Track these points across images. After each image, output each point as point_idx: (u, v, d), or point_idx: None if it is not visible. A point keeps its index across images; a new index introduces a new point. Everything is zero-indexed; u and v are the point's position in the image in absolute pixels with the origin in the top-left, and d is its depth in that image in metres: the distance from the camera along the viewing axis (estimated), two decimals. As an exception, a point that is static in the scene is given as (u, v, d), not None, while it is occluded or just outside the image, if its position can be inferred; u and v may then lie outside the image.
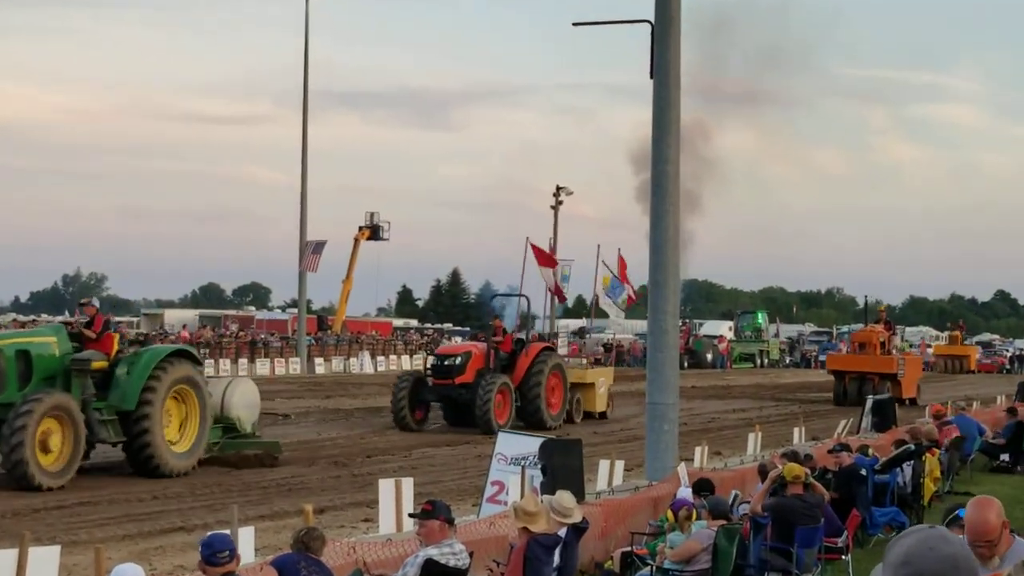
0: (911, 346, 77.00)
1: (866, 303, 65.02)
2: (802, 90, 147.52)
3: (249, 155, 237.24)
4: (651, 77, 19.51)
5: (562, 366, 35.86)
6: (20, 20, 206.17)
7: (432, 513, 9.63)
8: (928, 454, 19.85)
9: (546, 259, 39.32)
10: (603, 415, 38.07)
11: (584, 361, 43.90)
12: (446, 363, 33.86)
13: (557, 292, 40.14)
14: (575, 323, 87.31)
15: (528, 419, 33.69)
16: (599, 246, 41.11)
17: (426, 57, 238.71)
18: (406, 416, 32.92)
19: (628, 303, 48.91)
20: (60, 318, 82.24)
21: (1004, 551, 6.39)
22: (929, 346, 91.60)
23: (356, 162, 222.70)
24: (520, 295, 39.69)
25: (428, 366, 34.91)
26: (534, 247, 39.23)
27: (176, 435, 23.37)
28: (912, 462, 18.92)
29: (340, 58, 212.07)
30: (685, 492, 14.34)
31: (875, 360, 48.01)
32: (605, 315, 45.57)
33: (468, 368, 33.39)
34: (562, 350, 40.70)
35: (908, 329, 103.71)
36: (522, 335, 36.33)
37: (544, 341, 37.27)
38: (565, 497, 10.87)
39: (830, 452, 17.84)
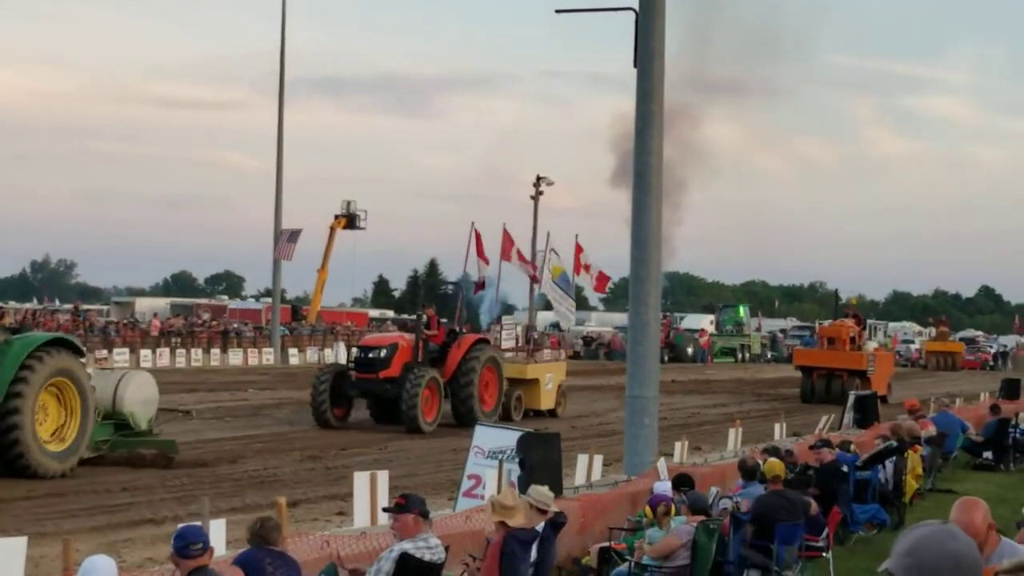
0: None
1: (837, 298, 64.81)
2: (788, 80, 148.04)
3: (224, 141, 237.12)
4: (635, 66, 19.24)
5: (498, 360, 33.45)
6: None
7: (406, 507, 9.41)
8: (911, 451, 19.70)
9: (483, 252, 37.35)
10: (552, 413, 35.82)
11: (545, 352, 42.22)
12: (370, 355, 31.67)
13: (479, 287, 38.74)
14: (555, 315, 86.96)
15: (460, 416, 31.85)
16: (548, 233, 39.25)
17: (406, 43, 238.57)
18: (326, 412, 30.90)
19: (597, 288, 47.44)
20: (28, 305, 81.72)
21: (990, 553, 6.47)
22: (912, 341, 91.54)
23: (333, 150, 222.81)
24: (455, 283, 38.27)
25: (351, 358, 32.69)
26: (477, 235, 37.19)
27: (53, 433, 21.36)
28: (894, 458, 18.75)
29: (318, 43, 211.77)
30: (662, 486, 14.11)
31: (844, 356, 46.49)
32: (551, 308, 43.05)
33: (394, 361, 31.23)
34: (508, 343, 38.23)
35: (891, 324, 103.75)
36: (456, 326, 34.11)
37: (478, 333, 35.21)
38: (541, 489, 10.69)
39: (812, 448, 17.67)
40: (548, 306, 46.77)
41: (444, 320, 35.97)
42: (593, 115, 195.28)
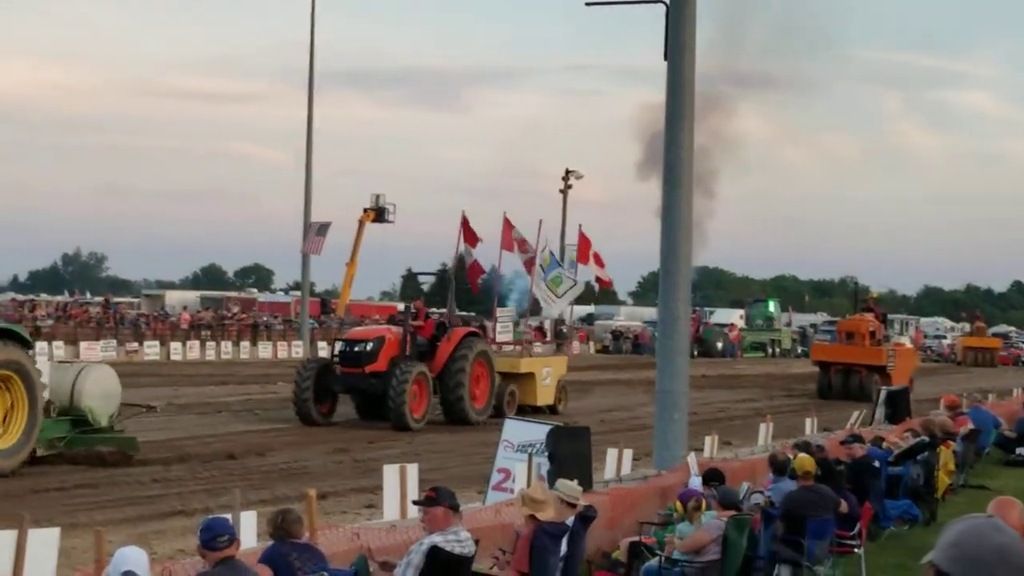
0: (927, 337, 75.83)
1: (856, 291, 64.15)
2: (818, 74, 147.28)
3: (252, 134, 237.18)
4: (665, 59, 19.14)
5: (488, 354, 32.06)
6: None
7: (436, 500, 9.39)
8: (943, 446, 19.55)
9: (471, 237, 35.92)
10: (553, 409, 34.52)
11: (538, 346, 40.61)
12: (355, 349, 30.36)
13: (471, 275, 38.08)
14: (583, 309, 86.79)
15: (449, 413, 30.87)
16: (541, 221, 38.02)
17: (434, 36, 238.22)
18: (310, 408, 29.61)
19: (602, 285, 46.46)
20: (59, 298, 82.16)
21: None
22: (944, 337, 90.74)
23: (362, 143, 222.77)
24: (434, 273, 37.73)
25: (335, 352, 31.24)
26: (465, 222, 36.37)
27: None
28: (926, 454, 18.62)
29: (346, 36, 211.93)
30: (696, 482, 14.08)
31: (863, 351, 45.69)
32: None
33: (380, 355, 29.99)
34: (503, 336, 36.42)
35: (923, 320, 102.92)
36: (446, 320, 33.25)
37: (468, 325, 33.86)
38: (569, 484, 10.68)
39: (842, 443, 17.56)
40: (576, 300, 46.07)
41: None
42: (619, 108, 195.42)
